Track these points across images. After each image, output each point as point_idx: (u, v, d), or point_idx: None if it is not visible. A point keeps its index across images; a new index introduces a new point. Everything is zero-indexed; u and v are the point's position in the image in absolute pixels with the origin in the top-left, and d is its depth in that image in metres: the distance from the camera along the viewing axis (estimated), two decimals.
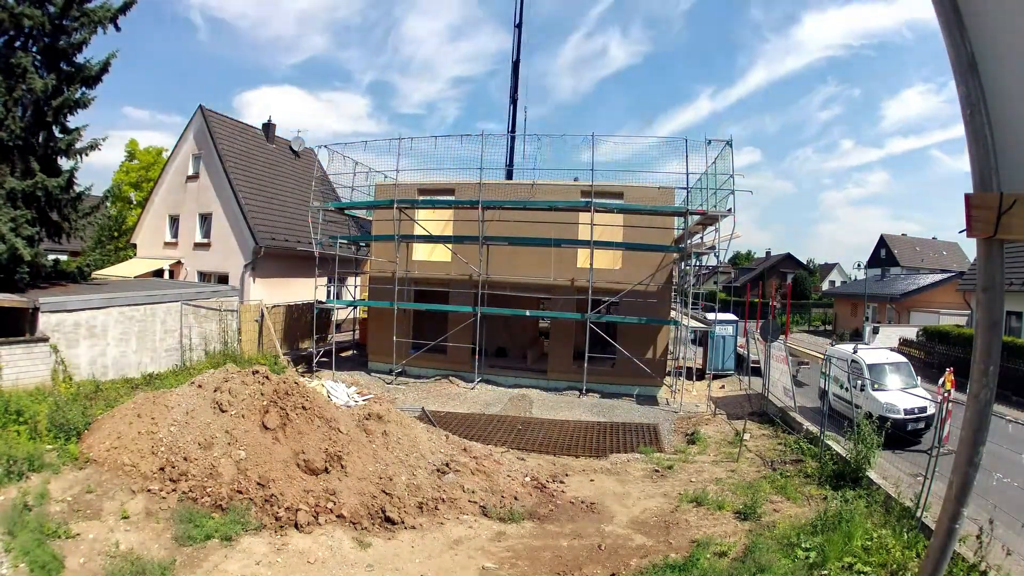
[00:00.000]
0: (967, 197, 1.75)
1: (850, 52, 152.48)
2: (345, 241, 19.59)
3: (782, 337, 15.94)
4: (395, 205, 16.88)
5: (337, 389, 13.88)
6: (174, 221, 22.97)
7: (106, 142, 15.19)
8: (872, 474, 8.56)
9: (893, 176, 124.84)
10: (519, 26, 23.31)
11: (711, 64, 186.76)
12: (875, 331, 26.97)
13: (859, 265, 41.88)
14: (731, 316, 22.27)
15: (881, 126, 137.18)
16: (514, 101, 23.95)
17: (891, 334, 25.65)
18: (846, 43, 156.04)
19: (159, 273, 21.97)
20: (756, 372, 17.10)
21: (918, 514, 6.89)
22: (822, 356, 15.21)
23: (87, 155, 15.05)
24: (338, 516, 7.06)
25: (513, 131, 23.64)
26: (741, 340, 20.42)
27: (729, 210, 14.59)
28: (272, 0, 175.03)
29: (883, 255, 53.88)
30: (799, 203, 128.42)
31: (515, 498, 8.20)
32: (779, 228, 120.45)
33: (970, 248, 50.28)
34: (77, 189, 15.06)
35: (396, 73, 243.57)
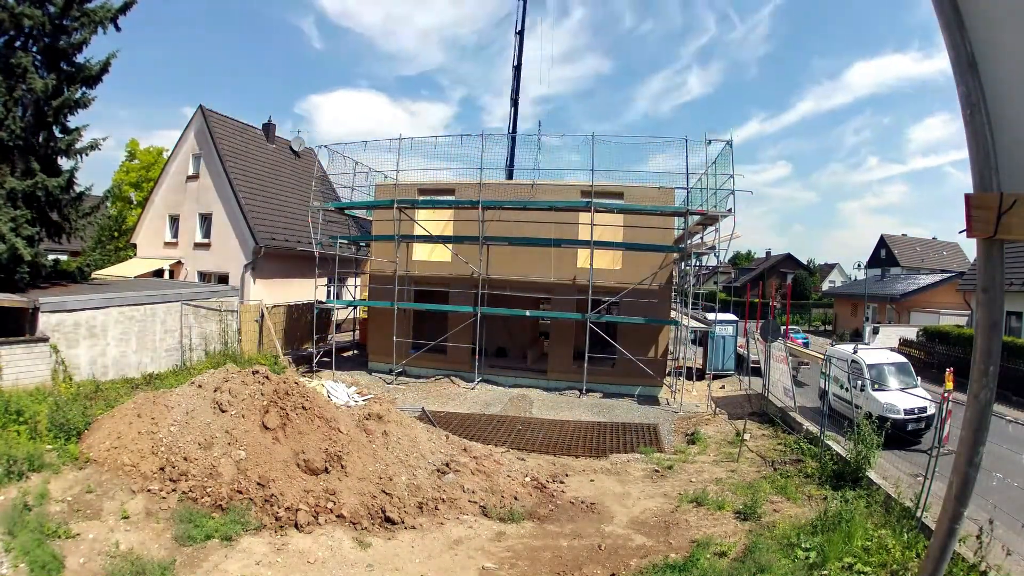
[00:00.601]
0: (967, 197, 1.75)
1: (891, 90, 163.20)
2: (345, 241, 19.59)
3: (782, 337, 15.94)
4: (395, 205, 16.88)
5: (337, 389, 13.90)
6: (174, 221, 22.97)
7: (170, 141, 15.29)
8: (872, 474, 8.55)
9: (912, 188, 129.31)
10: (520, 33, 24.64)
11: (767, 95, 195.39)
12: (875, 331, 26.97)
13: (859, 265, 41.88)
14: (731, 316, 22.29)
15: (906, 148, 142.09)
16: (515, 103, 25.18)
17: (891, 334, 25.65)
18: (888, 83, 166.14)
19: (159, 273, 21.96)
20: (756, 372, 17.09)
21: (918, 514, 6.89)
22: (822, 356, 15.19)
23: (87, 155, 15.09)
24: (338, 516, 7.06)
25: (514, 131, 24.67)
26: (741, 340, 20.44)
27: (729, 210, 14.61)
28: (402, 16, 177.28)
29: (883, 255, 53.66)
30: (819, 210, 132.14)
31: (515, 498, 8.20)
32: (799, 230, 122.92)
33: (970, 248, 50.25)
34: (77, 189, 15.08)
35: (488, 91, 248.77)
